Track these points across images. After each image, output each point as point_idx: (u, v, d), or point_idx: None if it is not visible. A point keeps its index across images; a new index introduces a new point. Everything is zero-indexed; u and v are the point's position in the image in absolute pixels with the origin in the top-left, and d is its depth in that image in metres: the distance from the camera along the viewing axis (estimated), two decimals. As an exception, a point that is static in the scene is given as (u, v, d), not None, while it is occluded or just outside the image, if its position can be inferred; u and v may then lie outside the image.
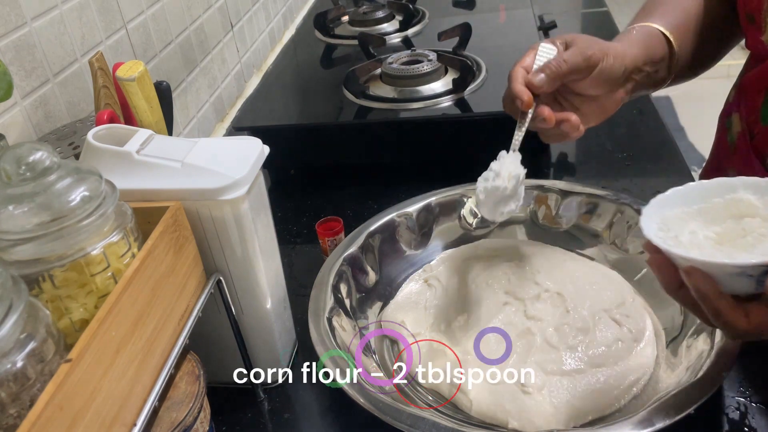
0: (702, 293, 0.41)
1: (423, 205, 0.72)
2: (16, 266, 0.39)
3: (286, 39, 1.37)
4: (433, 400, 0.56)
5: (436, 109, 0.86)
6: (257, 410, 0.59)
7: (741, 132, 0.64)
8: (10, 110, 0.63)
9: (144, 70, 0.57)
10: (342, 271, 0.64)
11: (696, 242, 0.44)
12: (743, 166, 0.64)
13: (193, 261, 0.50)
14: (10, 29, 0.63)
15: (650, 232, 0.44)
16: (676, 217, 0.46)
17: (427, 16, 1.21)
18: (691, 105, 2.79)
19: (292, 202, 0.88)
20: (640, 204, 0.66)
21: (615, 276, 0.65)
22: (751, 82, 0.63)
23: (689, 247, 0.43)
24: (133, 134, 0.52)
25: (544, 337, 0.57)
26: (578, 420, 0.51)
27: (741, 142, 0.64)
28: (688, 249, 0.43)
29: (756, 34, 0.60)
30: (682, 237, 0.44)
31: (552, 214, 0.71)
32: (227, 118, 1.12)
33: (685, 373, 0.51)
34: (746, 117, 0.63)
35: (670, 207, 0.46)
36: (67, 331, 0.41)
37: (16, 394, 0.34)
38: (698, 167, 2.83)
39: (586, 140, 0.91)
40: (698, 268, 0.40)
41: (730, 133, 0.66)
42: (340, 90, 0.94)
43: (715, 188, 0.46)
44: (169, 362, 0.45)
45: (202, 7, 1.04)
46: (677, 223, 0.46)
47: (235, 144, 0.54)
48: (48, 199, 0.40)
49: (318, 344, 0.55)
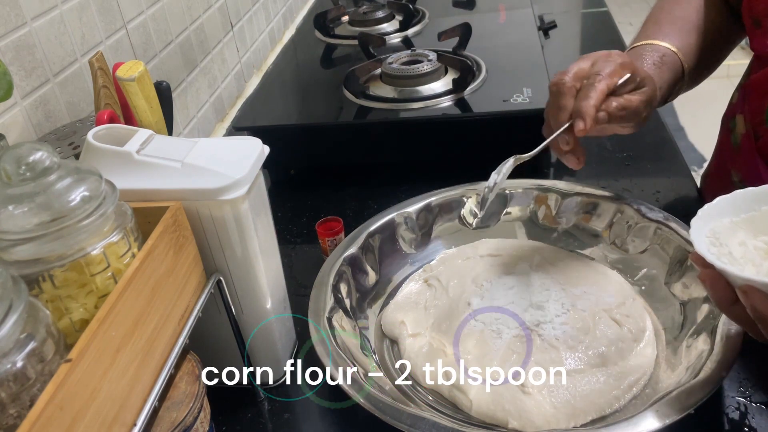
0: (759, 313, 0.39)
1: (423, 205, 0.72)
2: (16, 266, 0.39)
3: (286, 39, 1.37)
4: (433, 400, 0.56)
5: (436, 109, 0.86)
6: (257, 410, 0.59)
7: (745, 134, 0.64)
8: (10, 110, 0.63)
9: (144, 70, 0.57)
10: (342, 271, 0.64)
11: (749, 256, 0.42)
12: (747, 167, 0.64)
13: (193, 261, 0.50)
14: (10, 29, 0.63)
15: (702, 248, 0.42)
16: (725, 228, 0.44)
17: (427, 16, 1.21)
18: (691, 105, 2.79)
19: (292, 202, 0.88)
20: (641, 204, 0.66)
21: (615, 276, 0.65)
22: (756, 84, 0.63)
23: (743, 262, 0.42)
24: (133, 134, 0.52)
25: (544, 337, 0.57)
26: (578, 420, 0.51)
27: (745, 143, 0.64)
28: (743, 266, 0.41)
29: (762, 39, 0.59)
30: (734, 250, 0.43)
31: (552, 214, 0.71)
32: (227, 118, 1.12)
33: (685, 373, 0.51)
34: (751, 118, 0.63)
35: (718, 217, 0.45)
36: (67, 331, 0.41)
37: (16, 394, 0.34)
38: (698, 167, 2.83)
39: (587, 140, 0.91)
40: (756, 288, 0.39)
41: (734, 135, 0.65)
42: (340, 90, 0.94)
43: (763, 195, 0.44)
44: (169, 362, 0.45)
45: (202, 7, 1.04)
46: (726, 234, 0.44)
47: (235, 144, 0.54)
48: (48, 199, 0.40)
49: (318, 344, 0.55)
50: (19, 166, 0.39)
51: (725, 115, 0.71)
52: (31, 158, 0.40)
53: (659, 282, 0.62)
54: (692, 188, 0.79)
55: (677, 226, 0.63)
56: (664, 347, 0.57)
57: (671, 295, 0.60)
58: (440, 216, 0.72)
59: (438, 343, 0.59)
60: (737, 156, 0.66)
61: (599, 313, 0.59)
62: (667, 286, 0.61)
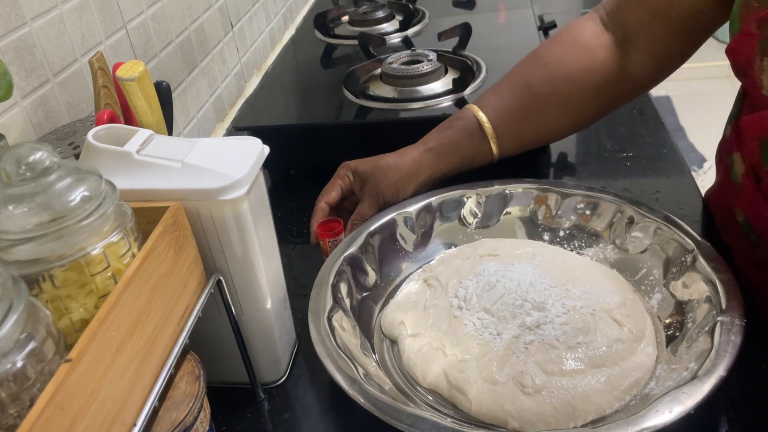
0: None
1: (423, 205, 0.72)
2: (16, 266, 0.39)
3: (286, 39, 1.37)
4: (433, 400, 0.56)
5: (436, 109, 0.86)
6: (257, 410, 0.59)
7: (745, 173, 0.62)
8: (10, 110, 0.63)
9: (144, 70, 0.57)
10: (342, 271, 0.64)
11: None
12: (751, 207, 0.62)
13: (193, 261, 0.50)
14: (10, 29, 0.63)
15: None
16: None
17: (427, 16, 1.21)
18: (691, 105, 2.80)
19: (292, 202, 0.88)
20: (641, 204, 0.66)
21: (615, 276, 0.65)
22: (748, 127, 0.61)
23: None
24: (133, 134, 0.52)
25: (544, 337, 0.57)
26: (578, 420, 0.51)
27: (746, 182, 0.62)
28: None
29: (754, 89, 0.57)
30: None
31: (552, 214, 0.71)
32: (227, 118, 1.12)
33: (685, 373, 0.51)
34: (748, 158, 0.61)
35: None
36: (67, 331, 0.41)
37: (16, 394, 0.34)
38: (698, 167, 2.82)
39: (587, 140, 0.91)
40: None
41: (733, 173, 0.64)
42: (340, 90, 0.94)
43: None
44: (169, 362, 0.45)
45: (202, 7, 1.04)
46: None
47: (235, 144, 0.54)
48: (48, 199, 0.40)
49: (318, 344, 0.55)
50: (19, 166, 0.39)
51: (721, 149, 0.69)
52: (31, 158, 0.40)
53: (659, 282, 0.62)
54: (692, 188, 0.79)
55: (677, 226, 0.63)
56: (664, 347, 0.57)
57: (671, 295, 0.60)
58: (440, 216, 0.72)
59: (438, 343, 0.59)
60: (739, 195, 0.63)
61: (599, 313, 0.59)
62: (666, 286, 0.61)
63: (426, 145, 0.75)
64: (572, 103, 0.75)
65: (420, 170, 0.74)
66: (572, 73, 0.73)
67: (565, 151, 0.91)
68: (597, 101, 0.75)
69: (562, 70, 0.74)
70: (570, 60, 0.74)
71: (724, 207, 0.67)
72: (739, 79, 0.61)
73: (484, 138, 0.74)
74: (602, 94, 0.74)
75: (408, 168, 0.73)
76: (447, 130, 0.75)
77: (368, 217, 0.71)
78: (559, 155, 0.90)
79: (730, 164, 0.64)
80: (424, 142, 0.75)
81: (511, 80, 0.77)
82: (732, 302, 0.53)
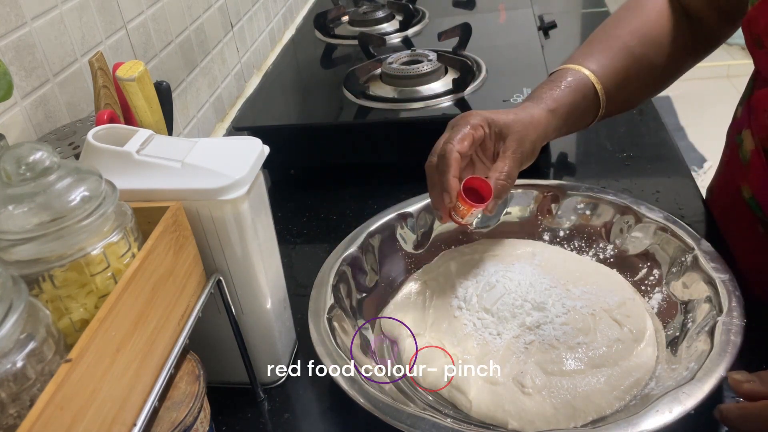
0: None
1: (423, 205, 0.72)
2: (16, 266, 0.39)
3: (286, 39, 1.37)
4: (433, 400, 0.56)
5: (436, 109, 0.86)
6: (257, 410, 0.59)
7: (755, 150, 0.62)
8: (10, 110, 0.63)
9: (144, 70, 0.57)
10: (342, 271, 0.64)
11: None
12: (759, 184, 0.62)
13: (193, 261, 0.50)
14: (10, 29, 0.63)
15: None
16: None
17: (427, 16, 1.21)
18: (691, 105, 2.80)
19: (292, 202, 0.88)
20: (640, 204, 0.66)
21: (615, 276, 0.65)
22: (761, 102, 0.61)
23: None
24: (133, 134, 0.52)
25: (544, 337, 0.57)
26: (578, 420, 0.51)
27: (755, 160, 0.62)
28: None
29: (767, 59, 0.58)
30: None
31: (552, 214, 0.71)
32: (227, 118, 1.12)
33: (685, 373, 0.51)
34: (759, 134, 0.61)
35: None
36: (67, 331, 0.41)
37: (16, 394, 0.34)
38: (698, 167, 2.82)
39: (586, 140, 0.91)
40: None
41: (742, 150, 0.64)
42: (340, 90, 0.94)
43: None
44: (169, 362, 0.45)
45: (202, 7, 1.04)
46: None
47: (235, 144, 0.54)
48: (48, 199, 0.40)
49: (318, 344, 0.55)
50: (19, 166, 0.39)
51: (731, 129, 0.70)
52: (31, 158, 0.40)
53: (659, 282, 0.62)
54: (692, 188, 0.79)
55: (677, 226, 0.63)
56: (664, 347, 0.57)
57: (671, 295, 0.60)
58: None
59: (438, 343, 0.59)
60: (748, 173, 0.64)
61: (600, 314, 0.59)
62: (666, 286, 0.61)
63: (545, 104, 0.64)
64: (663, 66, 0.72)
65: (547, 132, 0.64)
66: (660, 38, 0.70)
67: (565, 151, 0.91)
68: (677, 63, 0.73)
69: (655, 33, 0.71)
70: (659, 24, 0.71)
71: (730, 187, 0.67)
72: (753, 54, 0.61)
73: (596, 103, 0.67)
74: (682, 56, 0.72)
75: (542, 127, 0.63)
76: (563, 89, 0.66)
77: (515, 178, 0.60)
78: (559, 155, 0.90)
79: (739, 143, 0.64)
80: (540, 100, 0.65)
81: (605, 44, 0.70)
82: (732, 302, 0.54)
